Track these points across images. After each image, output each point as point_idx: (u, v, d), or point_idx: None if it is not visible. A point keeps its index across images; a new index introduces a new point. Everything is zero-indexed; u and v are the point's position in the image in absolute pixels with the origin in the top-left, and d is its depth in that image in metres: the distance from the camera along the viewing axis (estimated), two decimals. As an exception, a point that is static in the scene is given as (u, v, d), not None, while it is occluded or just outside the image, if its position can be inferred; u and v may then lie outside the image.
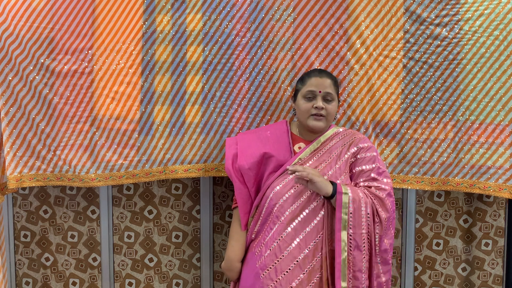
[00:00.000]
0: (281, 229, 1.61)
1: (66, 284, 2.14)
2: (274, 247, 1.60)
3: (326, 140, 1.71)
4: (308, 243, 1.59)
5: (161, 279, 2.14)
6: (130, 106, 1.89)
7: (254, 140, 1.75)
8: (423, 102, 1.91)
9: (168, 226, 2.13)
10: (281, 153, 1.71)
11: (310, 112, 1.66)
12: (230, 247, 1.73)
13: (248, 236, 1.72)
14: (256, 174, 1.71)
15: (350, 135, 1.74)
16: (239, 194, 1.72)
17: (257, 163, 1.70)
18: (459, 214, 2.09)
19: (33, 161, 1.89)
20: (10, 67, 1.83)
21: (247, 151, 1.73)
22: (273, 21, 1.89)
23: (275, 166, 1.70)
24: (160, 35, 1.88)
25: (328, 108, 1.66)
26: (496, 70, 1.86)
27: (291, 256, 1.58)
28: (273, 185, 1.66)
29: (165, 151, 1.91)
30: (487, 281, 2.09)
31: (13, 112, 1.86)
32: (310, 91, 1.66)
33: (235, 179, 1.72)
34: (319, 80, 1.67)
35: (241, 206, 1.72)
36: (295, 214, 1.61)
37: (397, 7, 1.88)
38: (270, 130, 1.78)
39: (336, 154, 1.68)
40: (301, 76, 1.75)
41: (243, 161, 1.71)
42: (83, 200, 2.12)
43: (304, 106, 1.67)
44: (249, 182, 1.72)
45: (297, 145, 1.73)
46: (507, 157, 1.88)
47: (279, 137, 1.75)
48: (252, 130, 1.85)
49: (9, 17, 1.79)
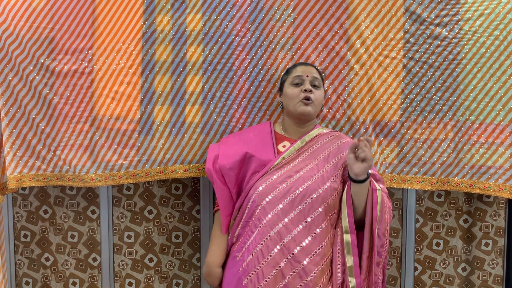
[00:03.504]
0: (263, 233, 1.54)
1: (66, 284, 2.14)
2: (256, 252, 1.53)
3: (311, 140, 1.67)
4: (292, 248, 1.51)
5: (161, 279, 2.14)
6: (130, 106, 1.89)
7: (237, 142, 1.72)
8: (423, 102, 1.91)
9: (168, 226, 2.13)
10: (264, 153, 1.66)
11: (299, 97, 1.63)
12: (210, 252, 1.67)
13: (229, 240, 1.67)
14: (238, 174, 1.66)
15: (337, 137, 1.69)
16: (220, 195, 1.67)
17: (238, 163, 1.65)
18: (459, 214, 2.10)
19: (33, 161, 1.89)
20: (10, 67, 1.83)
21: (228, 151, 1.69)
22: (273, 21, 1.89)
23: (257, 166, 1.64)
24: (160, 35, 1.88)
25: (316, 94, 1.64)
26: (496, 70, 1.86)
27: (274, 262, 1.51)
28: (256, 185, 1.60)
29: (165, 151, 1.91)
30: (487, 281, 2.09)
31: (13, 112, 1.86)
32: (298, 76, 1.66)
33: (216, 180, 1.67)
34: (304, 68, 1.69)
35: (223, 208, 1.67)
36: (280, 216, 1.54)
37: (397, 7, 1.88)
38: (254, 131, 1.75)
39: (324, 156, 1.63)
40: (286, 69, 1.76)
41: (224, 160, 1.66)
42: (83, 200, 2.12)
43: (292, 92, 1.65)
44: (230, 183, 1.66)
45: (281, 144, 1.68)
46: (507, 157, 1.88)
47: (262, 137, 1.71)
48: (236, 133, 1.82)
49: (9, 17, 1.79)
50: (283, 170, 1.61)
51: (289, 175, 1.59)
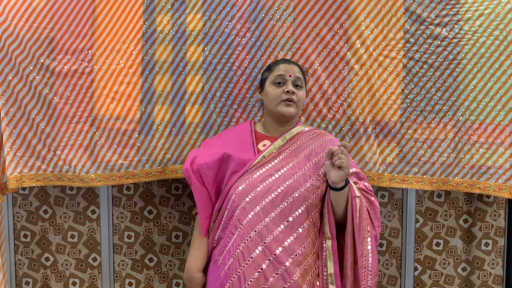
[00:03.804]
0: (244, 234, 1.49)
1: (66, 284, 2.14)
2: (237, 254, 1.48)
3: (293, 138, 1.63)
4: (274, 249, 1.47)
5: (161, 279, 2.14)
6: (130, 106, 1.89)
7: (216, 142, 1.68)
8: (423, 102, 1.91)
9: (168, 226, 2.13)
10: (243, 152, 1.61)
11: (280, 97, 1.58)
12: (190, 256, 1.62)
13: (209, 243, 1.61)
14: (216, 174, 1.61)
15: (319, 135, 1.66)
16: (199, 196, 1.61)
17: (217, 162, 1.60)
18: (459, 214, 2.09)
19: (33, 161, 1.89)
20: (10, 67, 1.83)
21: (207, 152, 1.64)
22: (273, 21, 1.89)
23: (236, 165, 1.59)
24: (160, 35, 1.88)
25: (299, 94, 1.59)
26: (496, 70, 1.86)
27: (255, 264, 1.46)
28: (236, 185, 1.55)
29: (165, 151, 1.91)
30: (487, 281, 2.09)
31: (13, 112, 1.86)
32: (280, 75, 1.60)
33: (194, 180, 1.62)
34: (287, 66, 1.62)
35: (201, 209, 1.61)
36: (261, 216, 1.49)
37: (397, 7, 1.88)
38: (233, 131, 1.71)
39: (305, 154, 1.59)
40: (267, 66, 1.70)
41: (201, 160, 1.61)
42: (83, 200, 2.12)
43: (274, 92, 1.59)
44: (209, 184, 1.61)
45: (262, 143, 1.64)
46: (507, 157, 1.88)
47: (242, 137, 1.67)
48: (217, 135, 1.77)
49: (9, 17, 1.79)
50: (264, 169, 1.57)
51: (270, 173, 1.55)
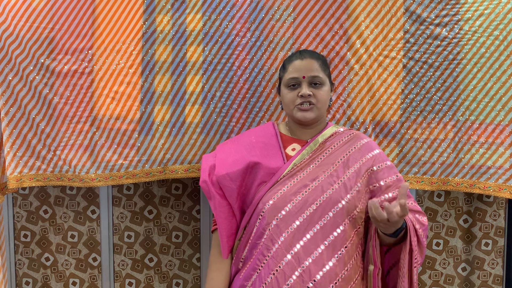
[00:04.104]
0: (278, 257, 1.28)
1: (66, 284, 2.14)
2: (271, 281, 1.27)
3: (326, 140, 1.43)
4: (314, 273, 1.26)
5: (161, 279, 2.14)
6: (130, 106, 1.89)
7: (236, 148, 1.46)
8: (423, 102, 1.91)
9: (168, 226, 2.13)
10: (271, 159, 1.40)
11: (295, 102, 1.39)
12: (210, 280, 1.39)
13: (233, 265, 1.40)
14: (240, 186, 1.39)
15: (355, 137, 1.45)
16: (219, 212, 1.39)
17: (241, 173, 1.38)
18: (459, 214, 2.09)
19: (33, 161, 1.89)
20: (10, 67, 1.83)
21: (227, 160, 1.42)
22: (273, 21, 1.89)
23: (264, 175, 1.38)
24: (160, 35, 1.88)
25: (318, 95, 1.38)
26: (496, 70, 1.86)
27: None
28: (265, 198, 1.34)
29: (165, 151, 1.91)
30: (487, 281, 2.09)
31: (13, 112, 1.86)
32: (293, 78, 1.40)
33: (213, 194, 1.40)
34: (301, 64, 1.40)
35: (223, 226, 1.38)
36: (297, 235, 1.28)
37: (397, 7, 1.88)
38: (255, 135, 1.50)
39: (343, 161, 1.37)
40: (282, 63, 1.49)
41: (222, 170, 1.39)
42: (83, 200, 2.12)
43: (288, 96, 1.41)
44: (231, 197, 1.39)
45: (290, 147, 1.44)
46: (507, 157, 1.88)
47: (267, 141, 1.45)
48: (233, 139, 1.56)
49: (9, 17, 1.79)
50: (296, 178, 1.36)
51: (304, 184, 1.34)
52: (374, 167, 1.38)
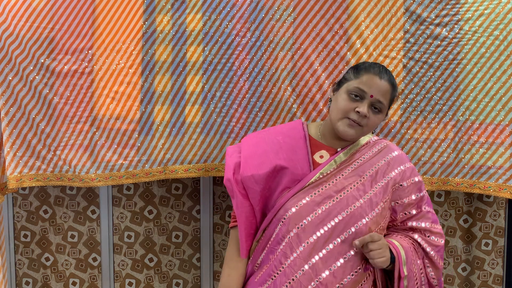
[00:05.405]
0: (295, 266, 1.26)
1: (66, 284, 2.14)
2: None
3: (357, 151, 1.37)
4: (330, 286, 1.26)
5: (161, 279, 2.14)
6: (130, 106, 1.89)
7: (262, 147, 1.41)
8: (423, 102, 1.91)
9: (168, 226, 2.13)
10: (297, 165, 1.35)
11: (347, 114, 1.32)
12: (226, 276, 1.38)
13: (249, 265, 1.38)
14: (264, 189, 1.36)
15: (386, 149, 1.39)
16: (240, 211, 1.36)
17: (266, 176, 1.34)
18: (459, 214, 2.09)
19: (33, 161, 1.89)
20: (10, 67, 1.83)
21: (253, 159, 1.38)
22: (273, 21, 1.89)
23: (289, 181, 1.34)
24: (160, 35, 1.88)
25: (371, 120, 1.32)
26: (496, 70, 1.86)
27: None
28: (288, 205, 1.31)
29: (165, 151, 1.91)
30: (487, 281, 2.09)
31: (13, 112, 1.86)
32: (361, 89, 1.31)
33: (236, 193, 1.37)
34: (377, 81, 1.32)
35: (243, 226, 1.36)
36: (317, 246, 1.27)
37: (397, 7, 1.88)
38: (282, 134, 1.43)
39: (370, 174, 1.33)
40: (356, 65, 1.40)
41: (247, 171, 1.36)
42: (83, 200, 2.12)
43: (344, 104, 1.32)
44: (254, 199, 1.36)
45: (318, 154, 1.38)
46: (507, 157, 1.88)
47: (294, 144, 1.39)
48: (258, 133, 1.51)
49: (9, 17, 1.79)
50: (322, 188, 1.32)
51: (329, 195, 1.31)
52: (402, 183, 1.35)
